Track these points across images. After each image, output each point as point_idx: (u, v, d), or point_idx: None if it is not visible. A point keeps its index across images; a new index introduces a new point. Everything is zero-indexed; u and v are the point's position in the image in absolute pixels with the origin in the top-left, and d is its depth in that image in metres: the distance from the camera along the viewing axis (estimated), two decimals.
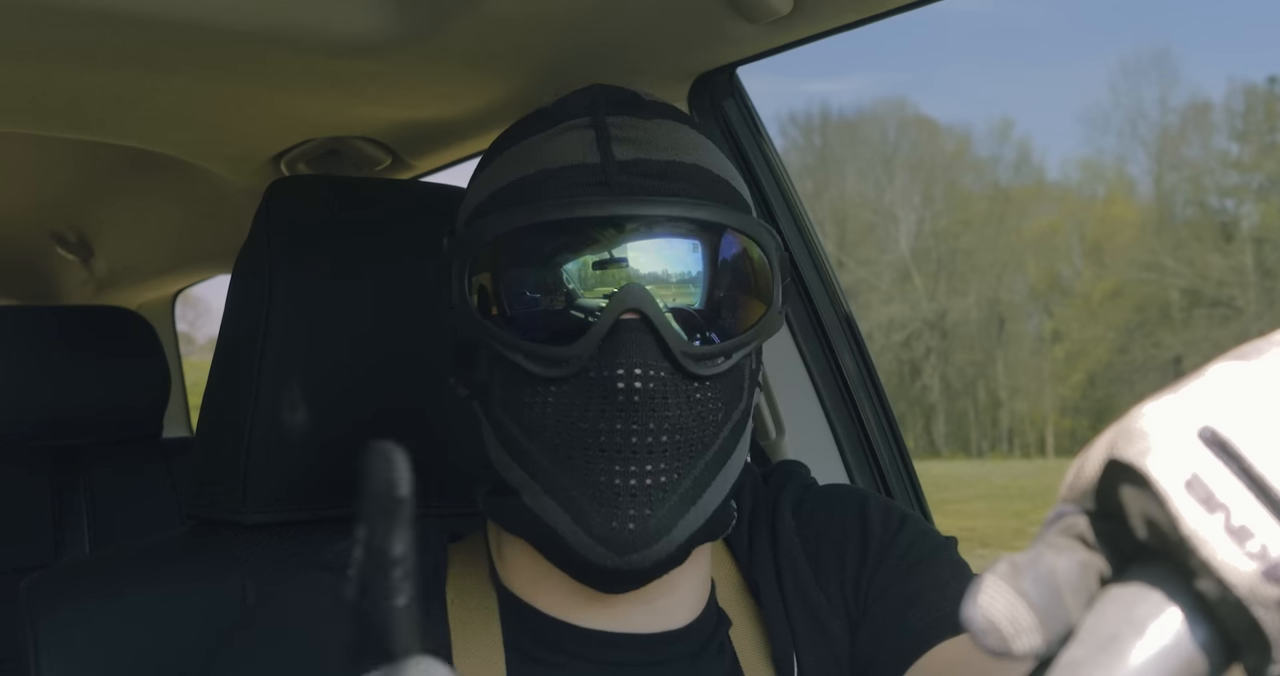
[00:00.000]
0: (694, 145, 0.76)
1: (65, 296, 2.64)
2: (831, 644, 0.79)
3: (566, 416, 0.70)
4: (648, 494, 0.70)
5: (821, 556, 0.82)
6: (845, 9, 1.00)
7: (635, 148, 0.73)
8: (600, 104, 0.75)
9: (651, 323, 0.69)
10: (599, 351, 0.69)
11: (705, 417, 0.72)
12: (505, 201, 0.74)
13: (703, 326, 0.72)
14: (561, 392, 0.70)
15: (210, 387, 1.05)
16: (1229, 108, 43.43)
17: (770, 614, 0.80)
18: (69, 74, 1.19)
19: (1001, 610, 0.30)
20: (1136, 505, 0.30)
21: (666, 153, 0.74)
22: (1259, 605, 0.29)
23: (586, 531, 0.70)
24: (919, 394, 34.89)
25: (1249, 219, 40.02)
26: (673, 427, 0.70)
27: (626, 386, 0.68)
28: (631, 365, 0.68)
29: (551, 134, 0.74)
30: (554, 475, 0.71)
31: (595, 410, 0.69)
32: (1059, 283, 40.72)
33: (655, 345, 0.69)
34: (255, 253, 1.02)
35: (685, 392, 0.71)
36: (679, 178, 0.73)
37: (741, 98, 1.28)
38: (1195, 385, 0.31)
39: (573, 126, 0.74)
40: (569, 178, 0.72)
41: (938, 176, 44.29)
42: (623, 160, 0.72)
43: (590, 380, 0.69)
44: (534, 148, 0.75)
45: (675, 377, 0.70)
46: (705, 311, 0.72)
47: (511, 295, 0.73)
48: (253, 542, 1.00)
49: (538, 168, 0.73)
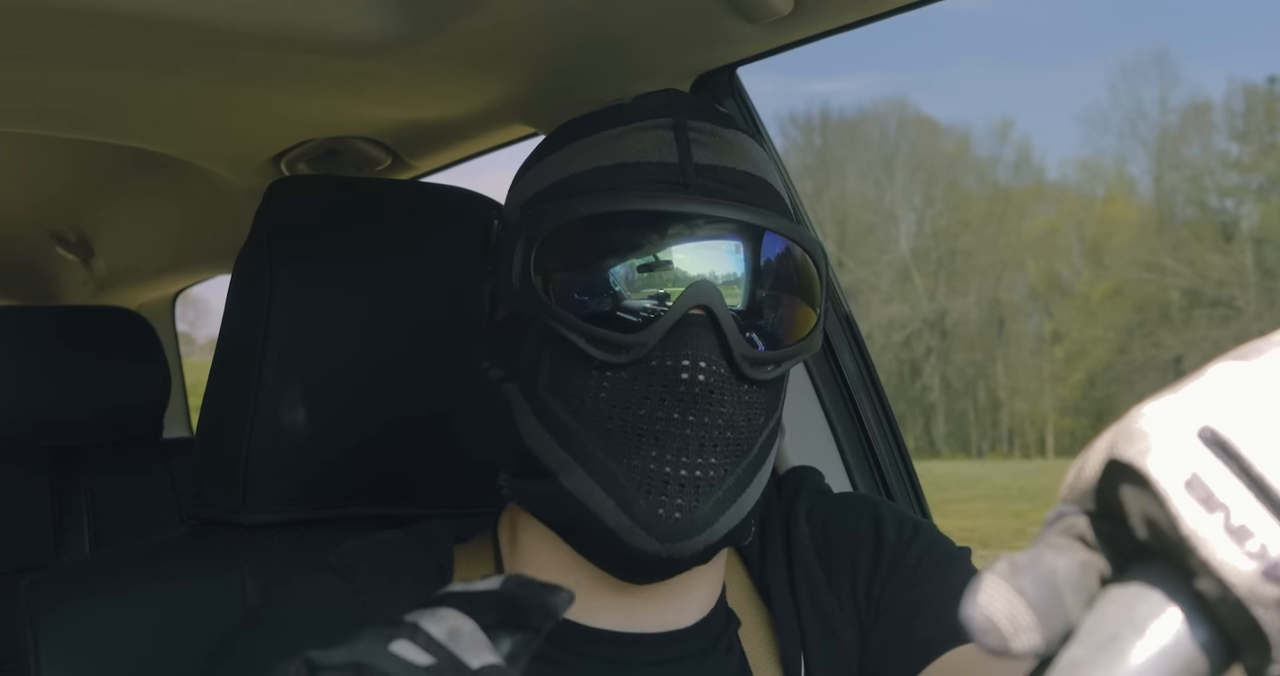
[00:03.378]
0: (761, 160, 0.78)
1: (65, 296, 2.64)
2: (841, 648, 0.79)
3: (623, 402, 0.71)
4: (695, 485, 0.71)
5: (834, 562, 0.82)
6: (846, 9, 1.00)
7: (711, 153, 0.74)
8: (680, 107, 0.76)
9: (717, 320, 0.71)
10: (663, 341, 0.70)
11: (752, 419, 0.73)
12: (579, 188, 0.74)
13: (758, 332, 0.74)
14: (619, 379, 0.71)
15: (210, 387, 1.05)
16: (1229, 108, 43.46)
17: (780, 616, 0.80)
18: (69, 74, 1.19)
19: (1001, 609, 0.30)
20: (1136, 505, 0.30)
21: (739, 162, 0.75)
22: (1259, 605, 0.29)
23: (631, 516, 0.71)
24: (919, 394, 34.89)
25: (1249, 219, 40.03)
26: (725, 423, 0.72)
27: (690, 377, 0.69)
28: (696, 357, 0.70)
29: (631, 129, 0.75)
30: (601, 460, 0.72)
31: (655, 398, 0.70)
32: (1059, 283, 40.74)
33: (717, 342, 0.71)
34: (255, 253, 1.02)
35: (738, 392, 0.72)
36: (749, 187, 0.75)
37: (742, 98, 1.28)
38: (1195, 385, 0.31)
39: (653, 125, 0.75)
40: (647, 173, 0.73)
41: (938, 176, 44.29)
42: (700, 163, 0.74)
43: (651, 369, 0.71)
44: (612, 140, 0.75)
45: (731, 376, 0.72)
46: (763, 318, 0.74)
47: (581, 279, 0.73)
48: (253, 542, 1.00)
49: (615, 160, 0.74)
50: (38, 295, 2.70)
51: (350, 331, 1.02)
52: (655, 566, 0.73)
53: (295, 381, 0.99)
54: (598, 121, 0.78)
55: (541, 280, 0.73)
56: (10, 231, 2.38)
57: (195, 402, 2.58)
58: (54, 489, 1.84)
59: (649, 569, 0.73)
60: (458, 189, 1.12)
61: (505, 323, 0.78)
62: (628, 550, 0.72)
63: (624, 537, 0.71)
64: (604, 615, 0.77)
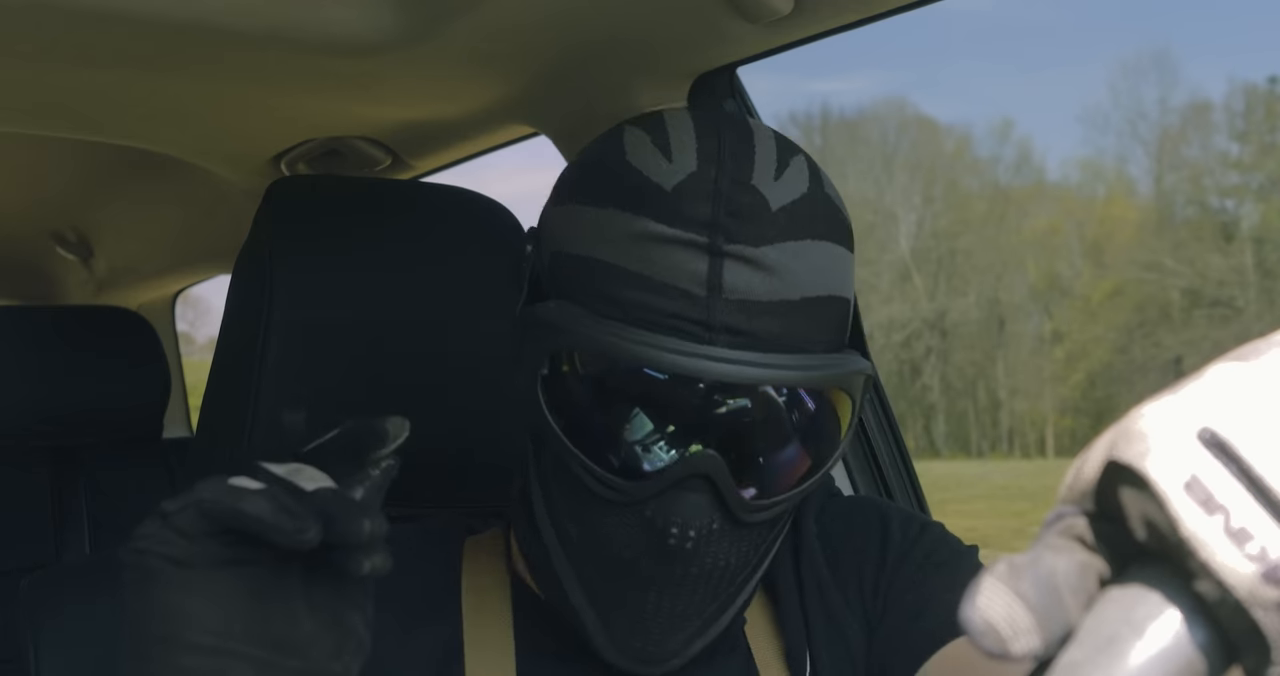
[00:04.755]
0: (811, 270, 0.69)
1: (65, 296, 2.64)
2: (848, 645, 0.80)
3: (612, 537, 0.70)
4: (673, 620, 0.72)
5: (841, 561, 0.83)
6: (846, 9, 1.00)
7: (747, 283, 0.67)
8: (720, 215, 0.67)
9: (716, 486, 0.68)
10: (658, 499, 0.68)
11: (748, 553, 0.72)
12: (598, 288, 0.68)
13: (770, 481, 0.71)
14: (613, 515, 0.70)
15: (210, 387, 1.05)
16: (1229, 108, 43.45)
17: (786, 613, 0.81)
18: (69, 74, 1.19)
19: (999, 611, 0.30)
20: (1136, 506, 0.30)
21: (779, 289, 0.67)
22: (1258, 607, 0.29)
23: (607, 632, 0.72)
24: (919, 394, 34.89)
25: (1249, 219, 40.03)
26: (713, 568, 0.71)
27: (679, 538, 0.68)
28: (687, 523, 0.68)
29: (664, 237, 0.67)
30: (589, 573, 0.72)
31: (641, 544, 0.69)
32: (1059, 283, 40.73)
33: (714, 504, 0.69)
34: (255, 252, 1.02)
35: (734, 537, 0.71)
36: (784, 320, 0.68)
37: (742, 98, 1.28)
38: (1194, 386, 0.31)
39: (688, 243, 0.67)
40: (673, 304, 0.66)
41: (938, 176, 44.29)
42: (730, 299, 0.66)
43: (644, 518, 0.69)
44: (642, 241, 0.67)
45: (728, 526, 0.70)
46: (773, 467, 0.72)
47: (586, 411, 0.70)
48: None
49: (642, 270, 0.67)
50: (38, 295, 2.70)
51: (350, 331, 1.02)
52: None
53: (295, 381, 0.99)
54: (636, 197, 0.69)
55: (549, 399, 0.70)
56: (10, 231, 2.38)
57: (195, 402, 2.58)
58: (54, 489, 1.84)
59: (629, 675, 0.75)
60: (458, 189, 1.12)
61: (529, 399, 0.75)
62: (604, 662, 0.73)
63: (600, 651, 0.73)
64: None
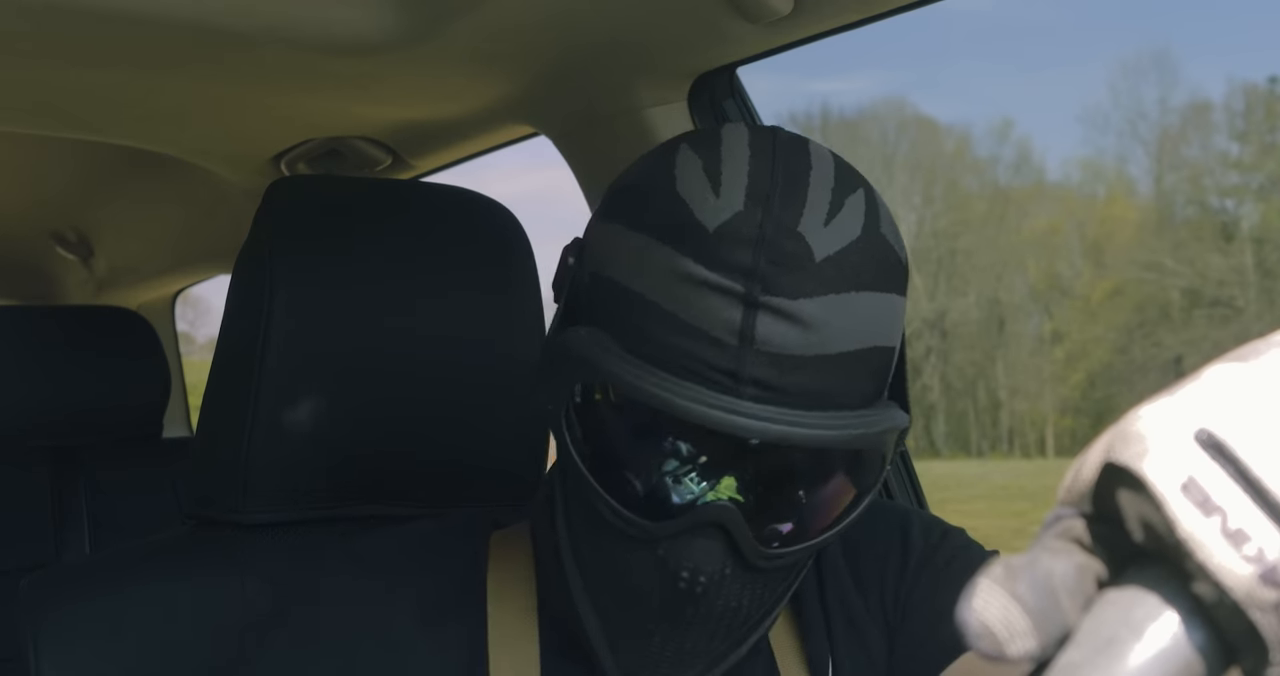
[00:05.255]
0: (853, 323, 0.66)
1: (65, 296, 2.64)
2: (868, 650, 0.80)
3: (627, 571, 0.70)
4: (680, 657, 0.71)
5: (862, 566, 0.82)
6: (846, 9, 1.00)
7: (781, 337, 0.64)
8: (761, 262, 0.64)
9: (731, 535, 0.67)
10: (672, 542, 0.68)
11: (763, 598, 0.72)
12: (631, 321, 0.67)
13: (790, 533, 0.70)
14: (627, 550, 0.69)
15: (210, 387, 1.05)
16: (1229, 108, 43.45)
17: (808, 617, 0.81)
18: (69, 74, 1.19)
19: (996, 614, 0.30)
20: (1133, 508, 0.30)
21: (815, 344, 0.65)
22: (1256, 608, 0.29)
23: (614, 660, 0.72)
24: (919, 394, 34.79)
25: (1249, 219, 40.01)
26: (724, 608, 0.70)
27: (689, 581, 0.67)
28: (698, 569, 0.67)
29: (700, 279, 0.65)
30: (605, 601, 0.72)
31: (654, 582, 0.69)
32: (1059, 283, 40.72)
33: (728, 549, 0.68)
34: (255, 252, 1.02)
35: (748, 581, 0.70)
36: (819, 377, 0.65)
37: (742, 98, 1.28)
38: (1192, 387, 0.31)
39: (724, 290, 0.64)
40: (703, 351, 0.65)
41: (938, 176, 44.27)
42: (762, 352, 0.64)
43: (657, 557, 0.68)
44: (678, 280, 0.65)
45: (741, 571, 0.69)
46: (794, 520, 0.70)
47: (609, 446, 0.70)
48: (253, 542, 1.00)
49: (677, 310, 0.65)
50: (38, 295, 2.70)
51: (350, 331, 1.02)
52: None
53: (295, 381, 0.99)
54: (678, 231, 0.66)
55: (572, 429, 0.70)
56: (10, 231, 2.38)
57: (195, 402, 2.58)
58: (54, 488, 1.84)
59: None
60: (458, 189, 1.12)
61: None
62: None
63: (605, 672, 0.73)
64: None
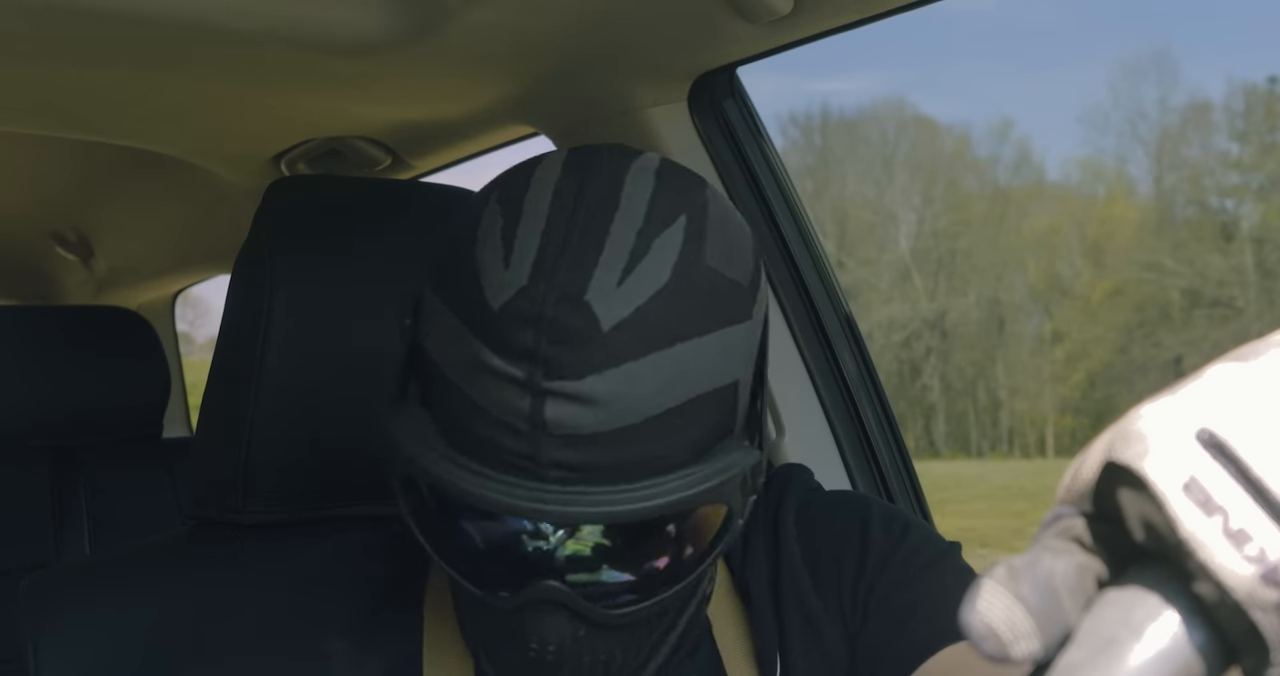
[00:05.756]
0: (655, 383, 0.62)
1: (65, 296, 2.64)
2: (825, 650, 0.78)
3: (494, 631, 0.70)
4: None
5: (821, 563, 0.81)
6: (846, 9, 1.00)
7: (574, 418, 0.61)
8: (544, 343, 0.60)
9: (569, 607, 0.66)
10: (515, 613, 0.66)
11: (638, 644, 0.71)
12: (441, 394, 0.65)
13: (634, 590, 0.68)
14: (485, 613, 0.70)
15: (210, 387, 1.05)
16: (1229, 108, 43.41)
17: (759, 616, 0.79)
18: (69, 74, 1.19)
19: (999, 615, 0.30)
20: (1134, 507, 0.30)
21: (617, 415, 0.61)
22: (1257, 608, 0.29)
23: None
24: (919, 394, 34.88)
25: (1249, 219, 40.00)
26: (592, 663, 0.69)
27: (539, 651, 0.66)
28: (545, 640, 0.66)
29: (488, 366, 0.62)
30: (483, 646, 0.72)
31: (511, 649, 0.68)
32: (1059, 283, 40.71)
33: (573, 620, 0.66)
34: (255, 252, 1.02)
35: (607, 638, 0.69)
36: (627, 449, 0.62)
37: (742, 98, 1.28)
38: (1193, 387, 0.31)
39: (511, 379, 0.61)
40: (505, 445, 0.62)
41: (938, 176, 44.27)
42: (556, 435, 0.61)
43: (509, 628, 0.67)
44: (476, 368, 0.62)
45: (593, 632, 0.67)
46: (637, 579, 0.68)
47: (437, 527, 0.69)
48: (253, 543, 1.00)
49: (478, 398, 0.63)
50: (38, 295, 2.70)
51: (350, 331, 1.02)
52: None
53: (295, 381, 0.99)
54: (471, 307, 0.63)
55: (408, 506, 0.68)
56: (10, 231, 2.39)
57: (195, 402, 2.58)
58: (54, 488, 1.84)
59: None
60: (458, 189, 1.12)
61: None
62: None
63: None
64: None
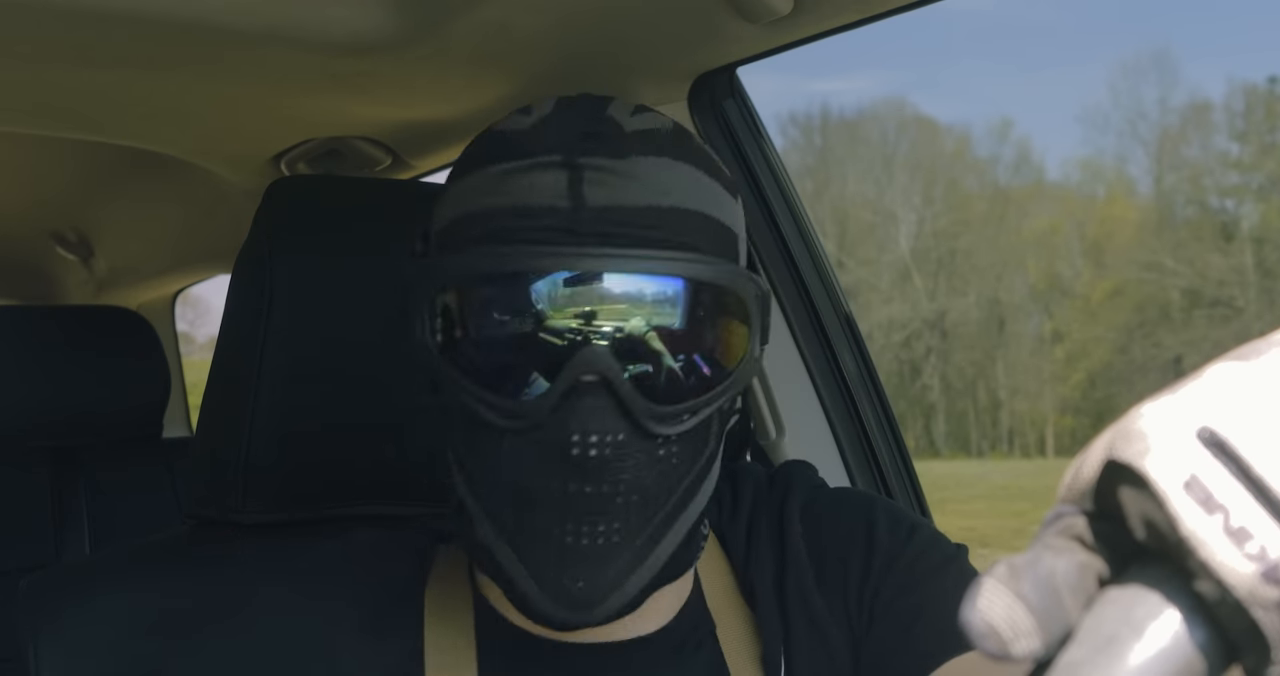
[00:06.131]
0: (677, 183, 0.70)
1: (65, 296, 2.64)
2: (829, 650, 0.77)
3: (520, 468, 0.68)
4: (599, 553, 0.68)
5: (826, 562, 0.80)
6: (846, 9, 1.00)
7: (610, 191, 0.68)
8: (575, 139, 0.69)
9: (612, 385, 0.66)
10: (554, 411, 0.66)
11: (666, 474, 0.69)
12: (472, 233, 0.70)
13: (669, 385, 0.69)
14: (516, 443, 0.68)
15: (210, 387, 1.05)
16: (1229, 108, 43.40)
17: (763, 614, 0.79)
18: (69, 74, 1.19)
19: (1000, 613, 0.30)
20: (1135, 506, 0.30)
21: (645, 195, 0.68)
22: (1258, 606, 0.29)
23: (538, 582, 0.68)
24: (919, 394, 34.87)
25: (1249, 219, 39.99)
26: (629, 488, 0.67)
27: (581, 451, 0.65)
28: (587, 430, 0.66)
29: (523, 167, 0.69)
30: (506, 521, 0.69)
31: (548, 468, 0.67)
32: (1059, 283, 40.70)
33: (615, 408, 0.66)
34: (255, 252, 1.02)
35: (646, 451, 0.68)
36: (656, 224, 0.68)
37: (742, 98, 1.28)
38: (1194, 386, 0.31)
39: (546, 164, 0.68)
40: (538, 221, 0.67)
41: (938, 176, 44.26)
42: (595, 206, 0.67)
43: (545, 438, 0.66)
44: (504, 179, 0.69)
45: (635, 438, 0.67)
46: (672, 370, 0.69)
47: (470, 340, 0.70)
48: (253, 542, 1.00)
49: (507, 201, 0.69)
50: (38, 295, 2.70)
51: (350, 331, 1.02)
52: (570, 627, 0.70)
53: (295, 381, 0.99)
54: (491, 151, 0.72)
55: (436, 338, 0.70)
56: (10, 231, 2.38)
57: (195, 402, 2.58)
58: (54, 489, 1.84)
59: (568, 627, 0.70)
60: None
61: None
62: (539, 615, 0.69)
63: (533, 605, 0.69)
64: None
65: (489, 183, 0.70)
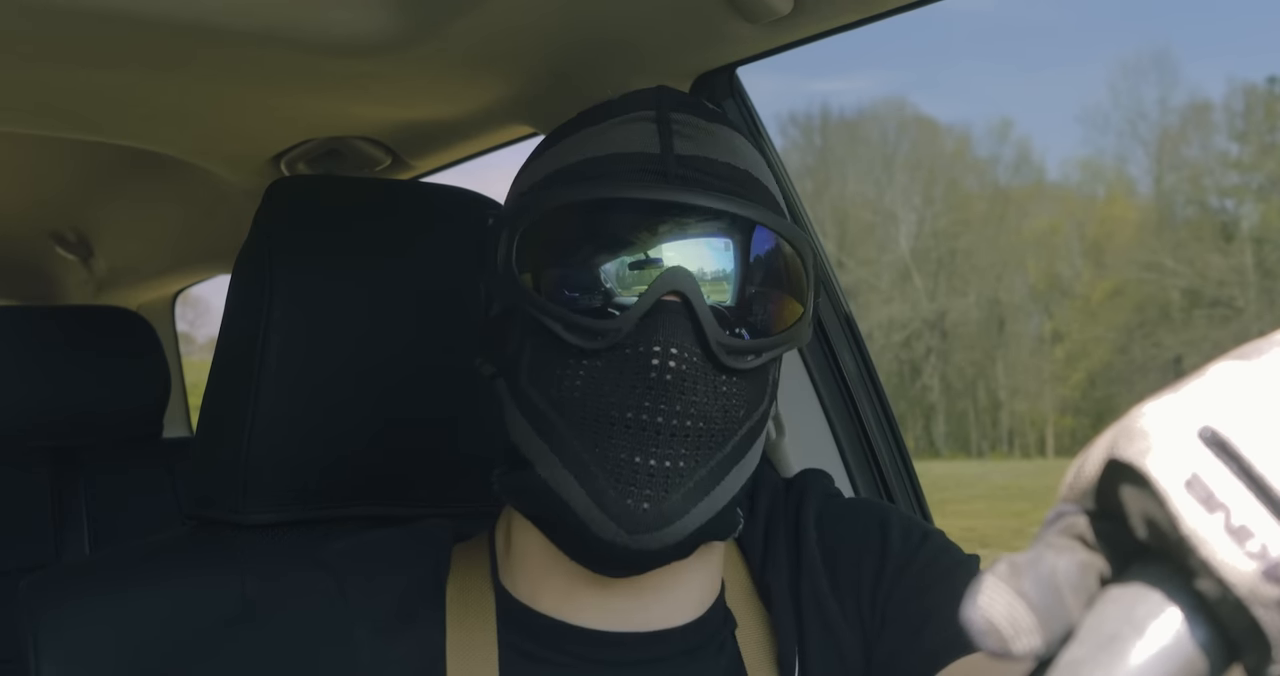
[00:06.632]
0: (749, 155, 0.78)
1: (65, 296, 2.64)
2: (842, 653, 0.79)
3: (596, 390, 0.71)
4: (665, 476, 0.70)
5: (839, 567, 0.82)
6: (846, 9, 1.00)
7: (695, 145, 0.75)
8: (665, 100, 0.77)
9: (692, 306, 0.70)
10: (637, 327, 0.70)
11: (729, 411, 0.73)
12: (564, 180, 0.76)
13: (738, 322, 0.73)
14: (594, 366, 0.71)
15: (210, 387, 1.05)
16: (1229, 108, 43.44)
17: (779, 617, 0.80)
18: (69, 74, 1.19)
19: (1001, 611, 0.30)
20: (1136, 505, 0.30)
21: (723, 155, 0.76)
22: (1259, 605, 0.29)
23: (600, 507, 0.70)
24: (919, 394, 34.88)
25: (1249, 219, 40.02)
26: (697, 414, 0.71)
27: (660, 364, 0.69)
28: (668, 344, 0.69)
29: (615, 122, 0.76)
30: (574, 449, 0.71)
31: (626, 386, 0.70)
32: (1059, 283, 40.72)
33: (692, 329, 0.70)
34: (255, 253, 1.02)
35: (713, 382, 0.71)
36: (733, 179, 0.75)
37: (742, 98, 1.28)
38: (1195, 385, 0.31)
39: (637, 118, 0.76)
40: (629, 162, 0.74)
41: (938, 176, 44.29)
42: (682, 154, 0.74)
43: (625, 356, 0.70)
44: (597, 134, 0.77)
45: (706, 365, 0.71)
46: (742, 308, 0.74)
47: (558, 266, 0.74)
48: (253, 543, 1.00)
49: (601, 151, 0.75)
50: (38, 295, 2.70)
51: (350, 331, 1.02)
52: (625, 559, 0.72)
53: (295, 381, 0.99)
54: (589, 117, 0.79)
55: (522, 268, 0.74)
56: (10, 231, 2.38)
57: (195, 402, 2.58)
58: (54, 489, 1.84)
59: (618, 562, 0.72)
60: (458, 189, 1.12)
61: (496, 318, 0.79)
62: (597, 542, 0.71)
63: (593, 529, 0.70)
64: (593, 615, 0.77)
65: (581, 140, 0.77)
